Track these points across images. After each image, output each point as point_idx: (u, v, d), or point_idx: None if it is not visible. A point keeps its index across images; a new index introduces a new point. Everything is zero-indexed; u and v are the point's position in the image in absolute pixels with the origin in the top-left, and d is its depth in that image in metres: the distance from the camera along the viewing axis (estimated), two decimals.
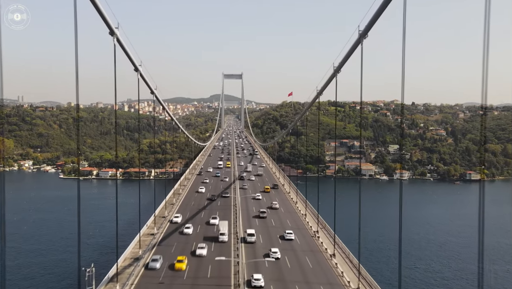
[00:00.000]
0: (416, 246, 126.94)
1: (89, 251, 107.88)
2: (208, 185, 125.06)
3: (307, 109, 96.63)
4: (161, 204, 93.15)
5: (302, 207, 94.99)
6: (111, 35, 44.44)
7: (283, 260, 60.18)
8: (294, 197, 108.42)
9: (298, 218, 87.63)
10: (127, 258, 58.89)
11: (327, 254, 63.72)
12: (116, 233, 49.90)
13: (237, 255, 58.53)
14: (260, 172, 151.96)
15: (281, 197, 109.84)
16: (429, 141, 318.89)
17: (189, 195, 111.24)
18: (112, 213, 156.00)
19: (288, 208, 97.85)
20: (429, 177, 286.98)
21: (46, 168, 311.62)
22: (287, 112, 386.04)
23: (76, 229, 37.09)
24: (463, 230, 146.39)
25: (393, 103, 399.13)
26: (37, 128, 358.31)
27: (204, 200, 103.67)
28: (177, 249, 63.58)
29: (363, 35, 44.46)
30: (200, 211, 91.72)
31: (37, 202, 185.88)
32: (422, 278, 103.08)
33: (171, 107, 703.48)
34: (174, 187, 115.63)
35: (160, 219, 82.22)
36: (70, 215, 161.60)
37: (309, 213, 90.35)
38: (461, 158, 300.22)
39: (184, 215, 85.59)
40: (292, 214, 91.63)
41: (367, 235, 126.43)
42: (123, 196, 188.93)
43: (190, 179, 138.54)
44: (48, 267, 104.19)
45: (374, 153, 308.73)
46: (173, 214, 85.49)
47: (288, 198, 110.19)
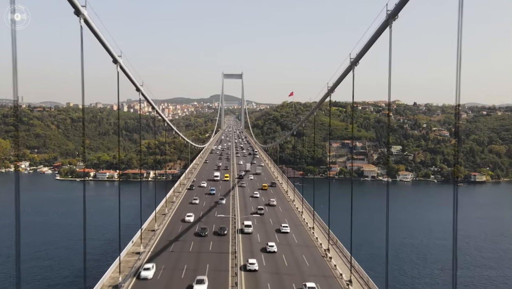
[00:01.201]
0: (408, 250, 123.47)
1: (77, 262, 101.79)
2: (198, 208, 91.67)
3: (312, 112, 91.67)
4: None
5: (299, 205, 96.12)
6: (114, 63, 44.76)
7: (279, 250, 63.02)
8: (292, 195, 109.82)
9: (295, 215, 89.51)
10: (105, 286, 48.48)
11: (321, 248, 65.55)
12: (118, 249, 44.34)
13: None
14: (258, 171, 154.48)
15: (278, 195, 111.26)
16: (432, 142, 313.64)
17: (171, 225, 77.79)
18: (107, 217, 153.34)
19: (286, 205, 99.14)
20: (433, 179, 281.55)
21: (42, 169, 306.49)
22: (287, 113, 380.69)
23: (62, 234, 32.19)
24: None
25: (394, 103, 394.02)
26: (34, 129, 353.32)
27: (191, 235, 71.32)
28: None
29: (354, 63, 45.43)
30: (180, 257, 60.16)
31: (31, 204, 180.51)
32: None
33: (171, 108, 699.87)
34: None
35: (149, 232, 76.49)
36: (62, 218, 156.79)
37: (306, 210, 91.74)
38: (465, 159, 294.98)
39: (158, 266, 55.11)
40: (289, 211, 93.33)
41: (366, 236, 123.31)
42: (127, 198, 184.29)
43: (180, 195, 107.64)
44: (27, 274, 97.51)
45: (376, 154, 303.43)
46: (143, 263, 55.32)
47: (286, 196, 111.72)
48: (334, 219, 67.29)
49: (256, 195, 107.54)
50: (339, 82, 54.01)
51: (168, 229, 74.63)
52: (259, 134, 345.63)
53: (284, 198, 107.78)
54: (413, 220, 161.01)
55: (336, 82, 55.12)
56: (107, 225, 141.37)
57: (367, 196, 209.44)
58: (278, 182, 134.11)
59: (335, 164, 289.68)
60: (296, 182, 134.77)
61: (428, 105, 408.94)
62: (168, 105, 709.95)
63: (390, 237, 40.73)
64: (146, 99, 52.92)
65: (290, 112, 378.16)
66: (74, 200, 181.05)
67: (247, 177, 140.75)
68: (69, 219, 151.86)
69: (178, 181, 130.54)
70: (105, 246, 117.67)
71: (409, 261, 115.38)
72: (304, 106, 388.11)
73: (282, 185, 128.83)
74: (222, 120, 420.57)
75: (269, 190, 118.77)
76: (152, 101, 58.84)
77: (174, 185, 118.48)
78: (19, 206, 24.11)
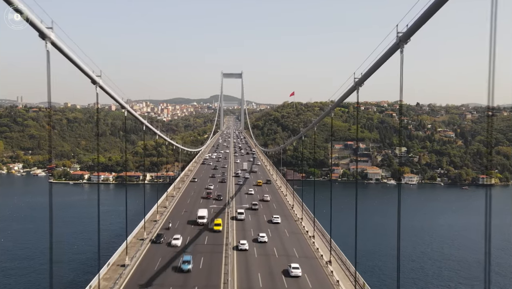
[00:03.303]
0: (411, 258, 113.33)
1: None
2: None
3: (312, 126, 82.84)
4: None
5: (298, 211, 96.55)
6: (93, 84, 42.13)
7: (269, 237, 71.53)
8: (285, 190, 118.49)
9: (286, 208, 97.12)
10: None
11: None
12: None
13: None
14: (255, 169, 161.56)
15: (272, 191, 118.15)
16: (437, 143, 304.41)
17: None
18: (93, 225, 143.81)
19: (278, 200, 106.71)
20: (439, 181, 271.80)
21: (36, 171, 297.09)
22: (289, 113, 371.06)
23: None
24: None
25: (397, 103, 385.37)
26: (29, 130, 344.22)
27: None
28: None
29: (358, 84, 43.31)
30: None
31: (20, 209, 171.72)
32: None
33: (170, 108, 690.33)
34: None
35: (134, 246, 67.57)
36: (57, 226, 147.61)
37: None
38: (472, 161, 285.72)
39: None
40: (281, 204, 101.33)
41: (373, 244, 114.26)
42: (113, 202, 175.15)
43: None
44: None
45: (380, 156, 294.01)
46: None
47: (280, 192, 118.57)
48: (336, 225, 66.63)
49: (251, 192, 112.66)
50: (341, 101, 53.53)
51: None
52: (259, 135, 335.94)
53: (277, 193, 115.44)
54: (425, 227, 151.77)
55: (338, 101, 54.55)
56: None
57: (371, 200, 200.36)
58: (273, 178, 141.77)
59: (337, 166, 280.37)
60: (295, 184, 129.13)
61: (432, 106, 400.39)
62: (167, 106, 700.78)
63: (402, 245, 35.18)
64: (104, 90, 44.39)
65: (292, 113, 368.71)
66: (66, 204, 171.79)
67: (243, 175, 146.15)
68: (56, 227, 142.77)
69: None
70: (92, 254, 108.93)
71: (421, 273, 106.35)
72: (305, 107, 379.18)
73: (276, 181, 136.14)
74: (221, 121, 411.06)
75: (264, 186, 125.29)
76: (117, 96, 50.08)
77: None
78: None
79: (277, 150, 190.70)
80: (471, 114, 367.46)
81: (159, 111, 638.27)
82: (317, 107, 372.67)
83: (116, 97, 50.43)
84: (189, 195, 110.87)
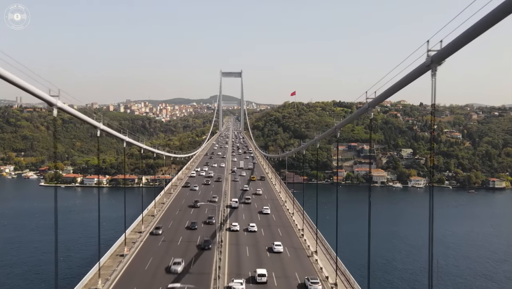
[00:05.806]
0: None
1: None
2: None
3: (315, 142, 71.97)
4: None
5: (299, 220, 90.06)
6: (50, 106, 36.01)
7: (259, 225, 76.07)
8: (278, 187, 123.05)
9: (278, 203, 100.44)
10: None
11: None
12: None
13: None
14: (250, 166, 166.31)
15: (266, 187, 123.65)
16: (444, 145, 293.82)
17: None
18: (87, 232, 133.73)
19: (271, 195, 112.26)
20: (447, 185, 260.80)
21: (27, 174, 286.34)
22: (290, 113, 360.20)
23: None
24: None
25: (400, 103, 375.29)
26: (22, 131, 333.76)
27: None
28: None
29: (372, 106, 38.25)
30: None
31: (6, 215, 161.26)
32: None
33: (169, 108, 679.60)
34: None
35: None
36: (38, 234, 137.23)
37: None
38: (481, 163, 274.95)
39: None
40: (274, 200, 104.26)
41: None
42: (104, 208, 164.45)
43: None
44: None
45: (385, 158, 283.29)
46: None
47: (273, 188, 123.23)
48: (342, 234, 58.16)
49: (246, 188, 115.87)
50: (349, 121, 57.74)
51: None
52: (259, 136, 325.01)
53: (271, 189, 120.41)
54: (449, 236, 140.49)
55: (345, 121, 54.37)
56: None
57: (378, 204, 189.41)
58: (267, 175, 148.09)
59: (341, 169, 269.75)
60: (294, 187, 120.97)
61: (436, 106, 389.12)
62: (166, 106, 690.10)
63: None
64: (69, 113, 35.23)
65: (293, 113, 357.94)
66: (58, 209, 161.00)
67: (240, 173, 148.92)
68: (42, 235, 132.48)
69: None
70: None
71: None
72: (307, 107, 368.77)
73: (271, 179, 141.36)
74: (221, 121, 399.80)
75: (258, 182, 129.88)
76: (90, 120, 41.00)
77: None
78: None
79: (282, 156, 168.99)
80: (477, 115, 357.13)
81: (158, 112, 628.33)
82: (319, 108, 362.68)
83: (84, 117, 45.21)
84: (173, 231, 74.36)
